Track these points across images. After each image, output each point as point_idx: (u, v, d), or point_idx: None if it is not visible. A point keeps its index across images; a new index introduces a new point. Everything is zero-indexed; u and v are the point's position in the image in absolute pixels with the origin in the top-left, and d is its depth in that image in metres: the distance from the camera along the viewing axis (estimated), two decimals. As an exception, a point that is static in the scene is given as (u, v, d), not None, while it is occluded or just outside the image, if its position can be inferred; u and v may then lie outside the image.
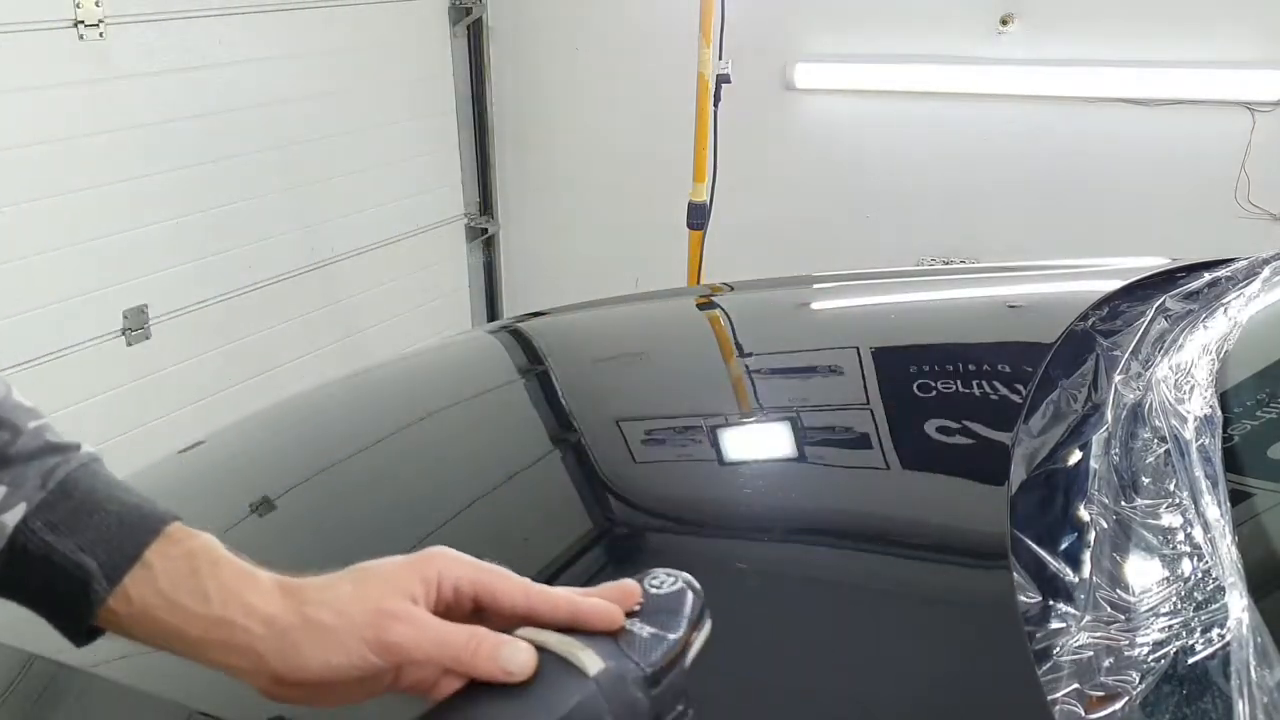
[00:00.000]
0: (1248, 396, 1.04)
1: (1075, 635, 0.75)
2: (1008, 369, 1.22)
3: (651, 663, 0.53)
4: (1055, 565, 0.83)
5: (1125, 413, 1.03)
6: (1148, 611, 0.76)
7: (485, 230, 4.08)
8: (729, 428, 1.19)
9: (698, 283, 3.06)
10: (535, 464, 1.19)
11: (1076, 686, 0.70)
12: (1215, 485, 0.86)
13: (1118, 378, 1.10)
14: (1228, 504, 0.83)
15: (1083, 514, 0.89)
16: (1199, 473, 0.88)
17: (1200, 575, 0.77)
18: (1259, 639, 0.68)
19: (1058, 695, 0.70)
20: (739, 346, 1.52)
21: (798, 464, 1.12)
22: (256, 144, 3.06)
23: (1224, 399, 1.01)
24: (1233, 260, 1.44)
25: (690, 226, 3.02)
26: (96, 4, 2.53)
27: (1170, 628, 0.74)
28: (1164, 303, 1.31)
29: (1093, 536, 0.85)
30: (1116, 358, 1.15)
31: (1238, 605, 0.71)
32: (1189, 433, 0.94)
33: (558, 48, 3.82)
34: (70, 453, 0.59)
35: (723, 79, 2.91)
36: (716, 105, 2.92)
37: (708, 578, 0.91)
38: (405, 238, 3.71)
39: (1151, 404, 1.02)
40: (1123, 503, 0.89)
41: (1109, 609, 0.77)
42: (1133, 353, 1.16)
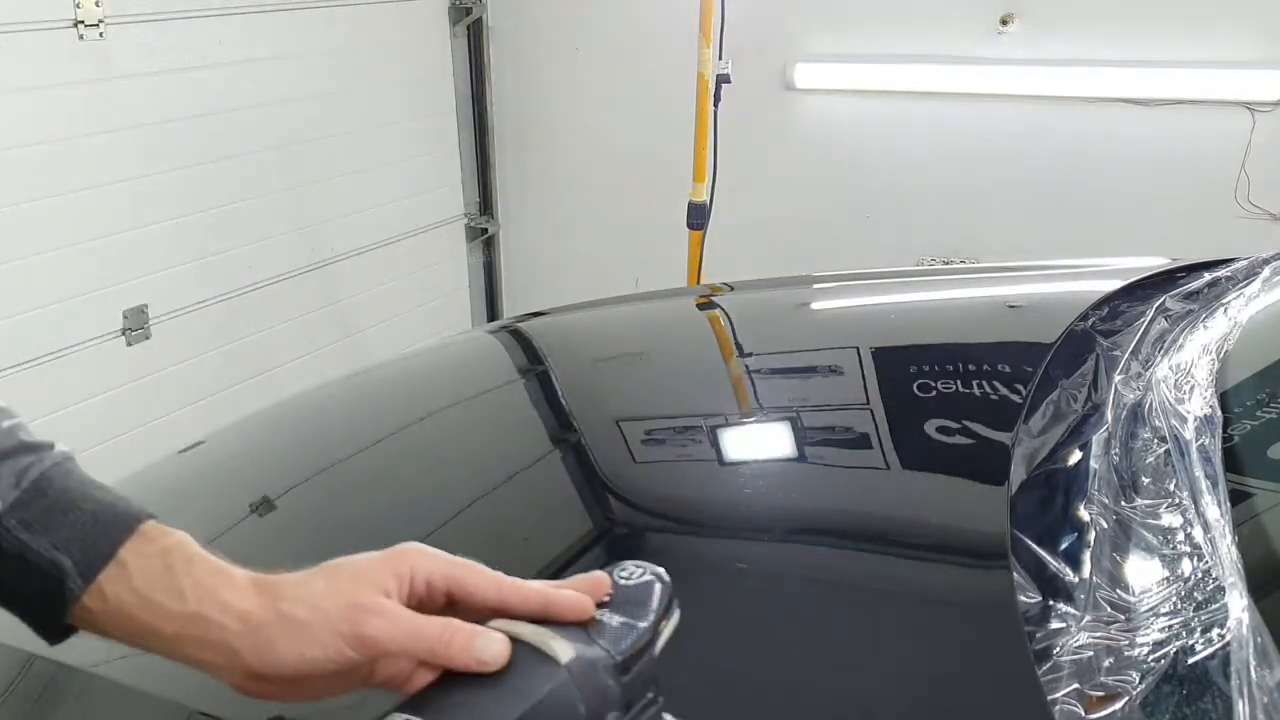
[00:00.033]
0: (1248, 396, 1.04)
1: (1075, 635, 0.75)
2: (1008, 369, 1.22)
3: (621, 650, 0.54)
4: (1055, 565, 0.83)
5: (1125, 413, 1.03)
6: (1148, 611, 0.76)
7: (485, 230, 4.08)
8: (729, 428, 1.19)
9: (698, 283, 3.06)
10: (535, 464, 1.19)
11: (1076, 686, 0.70)
12: (1215, 485, 0.86)
13: (1118, 378, 1.10)
14: (1228, 504, 0.83)
15: (1083, 514, 0.89)
16: (1199, 473, 0.88)
17: (1200, 575, 0.77)
18: (1259, 639, 0.68)
19: (1058, 695, 0.70)
20: (739, 346, 1.52)
21: (798, 464, 1.12)
22: (256, 144, 3.06)
23: (1224, 399, 1.01)
24: (1233, 260, 1.44)
25: (690, 226, 3.02)
26: (96, 4, 2.53)
27: (1170, 628, 0.74)
28: (1164, 303, 1.30)
29: (1093, 536, 0.85)
30: (1116, 358, 1.15)
31: (1238, 605, 0.71)
32: (1189, 433, 0.94)
33: (558, 48, 3.82)
34: (44, 452, 0.59)
35: (723, 79, 2.91)
36: (716, 105, 2.92)
37: (708, 577, 0.92)
38: (405, 238, 3.71)
39: (1151, 404, 1.02)
40: (1123, 503, 0.89)
41: (1109, 609, 0.77)
42: (1133, 353, 1.16)
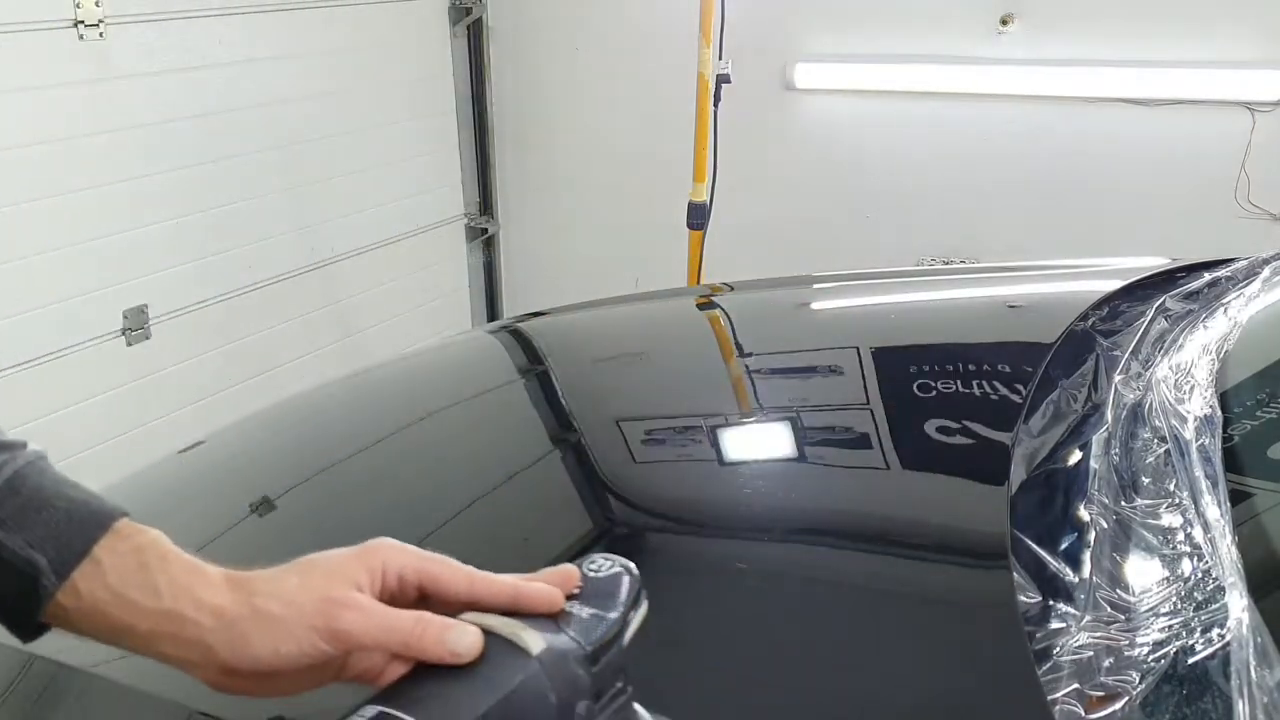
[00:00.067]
0: (1248, 396, 1.04)
1: (1075, 635, 0.75)
2: (1008, 369, 1.22)
3: (591, 641, 0.55)
4: (1055, 565, 0.83)
5: (1125, 413, 1.03)
6: (1148, 611, 0.76)
7: (485, 230, 4.08)
8: (729, 428, 1.19)
9: (698, 283, 3.06)
10: (535, 464, 1.19)
11: (1076, 686, 0.70)
12: (1215, 485, 0.86)
13: (1118, 378, 1.10)
14: (1228, 504, 0.83)
15: (1083, 514, 0.89)
16: (1199, 473, 0.88)
17: (1200, 575, 0.77)
18: (1259, 639, 0.68)
19: (1058, 695, 0.70)
20: (739, 346, 1.52)
21: (798, 464, 1.12)
22: (256, 144, 3.06)
23: (1224, 399, 1.01)
24: (1233, 260, 1.44)
25: (690, 226, 3.02)
26: (96, 4, 2.53)
27: (1170, 628, 0.74)
28: (1164, 303, 1.30)
29: (1093, 536, 0.85)
30: (1116, 358, 1.15)
31: (1238, 605, 0.71)
32: (1189, 433, 0.94)
33: (558, 48, 3.82)
34: (17, 450, 0.59)
35: (723, 79, 2.91)
36: (716, 105, 2.92)
37: (708, 577, 0.92)
38: (405, 238, 3.71)
39: (1151, 404, 1.02)
40: (1123, 503, 0.89)
41: (1109, 609, 0.77)
42: (1133, 353, 1.16)
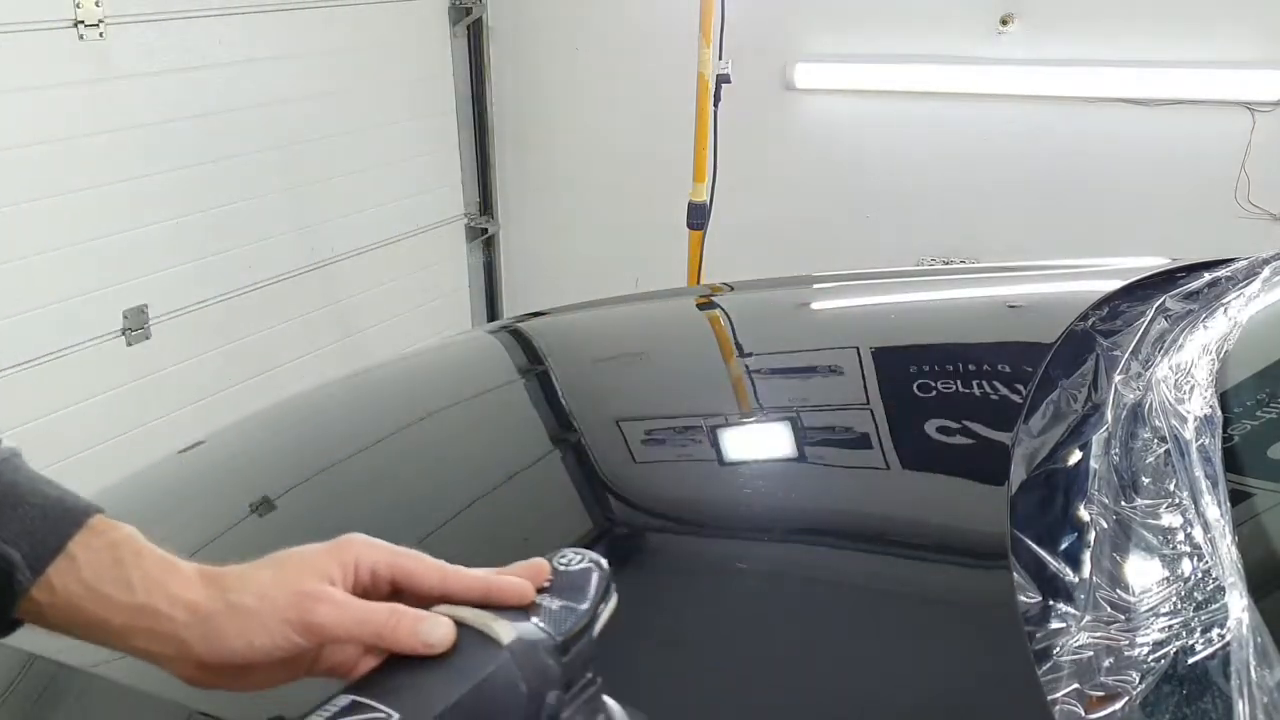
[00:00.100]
0: (1248, 396, 1.04)
1: (1075, 635, 0.75)
2: (1008, 369, 1.22)
3: (561, 632, 0.56)
4: (1055, 565, 0.83)
5: (1125, 413, 1.03)
6: (1148, 611, 0.76)
7: (485, 230, 4.08)
8: (729, 428, 1.19)
9: (698, 283, 3.06)
10: (535, 464, 1.19)
11: (1076, 686, 0.70)
12: (1215, 485, 0.86)
13: (1118, 378, 1.10)
14: (1228, 504, 0.83)
15: (1083, 514, 0.89)
16: (1199, 473, 0.88)
17: (1200, 575, 0.77)
18: (1259, 639, 0.68)
19: (1058, 695, 0.70)
20: (739, 346, 1.51)
21: (798, 464, 1.12)
22: (256, 144, 3.06)
23: (1224, 399, 1.01)
24: (1233, 260, 1.44)
25: (690, 226, 3.02)
26: (96, 4, 2.53)
27: (1170, 628, 0.74)
28: (1164, 303, 1.30)
29: (1093, 536, 0.85)
30: (1116, 358, 1.15)
31: (1238, 605, 0.71)
32: (1189, 433, 0.94)
33: (558, 48, 3.82)
34: None
35: (723, 79, 2.91)
36: (716, 105, 2.92)
37: (708, 577, 0.92)
38: (405, 238, 3.71)
39: (1151, 404, 1.02)
40: (1123, 503, 0.89)
41: (1109, 609, 0.77)
42: (1133, 353, 1.16)
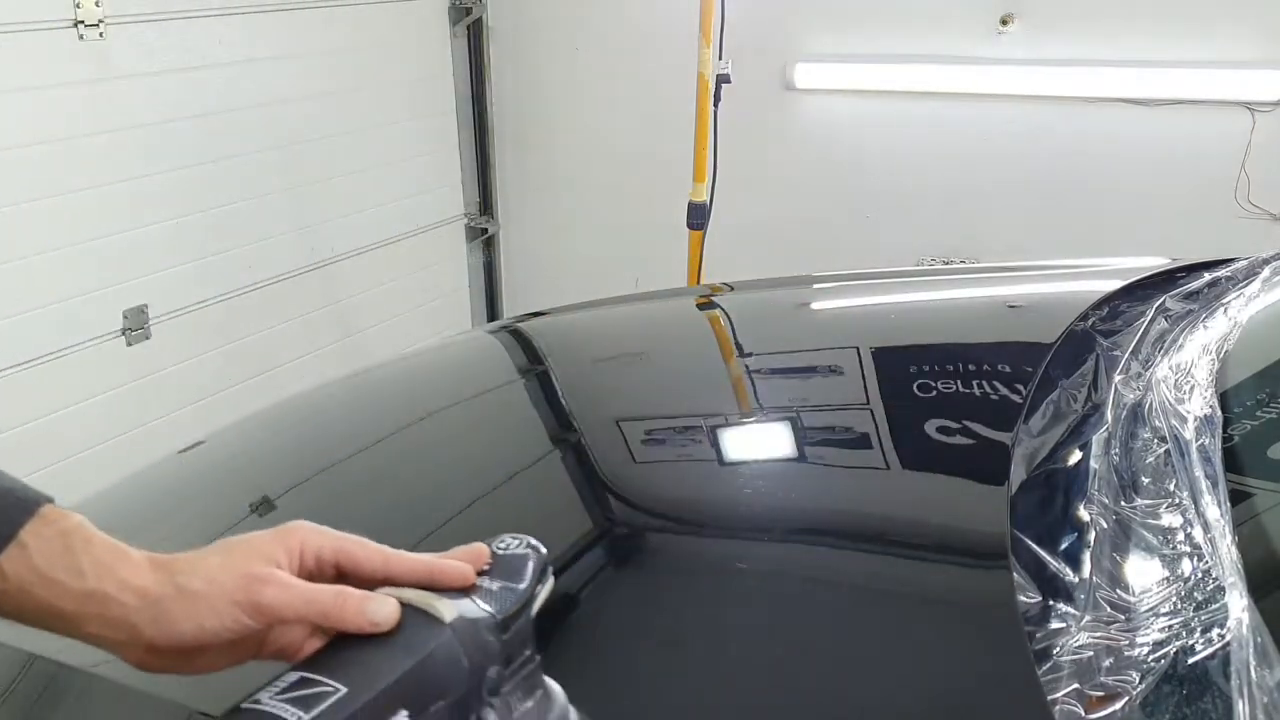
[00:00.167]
0: (1248, 396, 1.04)
1: (1075, 635, 0.75)
2: (1008, 369, 1.22)
3: (501, 611, 0.59)
4: (1055, 565, 0.83)
5: (1125, 413, 1.03)
6: (1148, 611, 0.76)
7: (485, 230, 4.08)
8: (729, 428, 1.19)
9: (698, 283, 3.06)
10: (535, 464, 1.19)
11: (1076, 686, 0.70)
12: (1215, 485, 0.86)
13: (1118, 378, 1.10)
14: (1228, 504, 0.83)
15: (1083, 514, 0.89)
16: (1199, 473, 0.88)
17: (1200, 575, 0.77)
18: (1259, 639, 0.68)
19: (1058, 695, 0.70)
20: (739, 346, 1.51)
21: (798, 464, 1.12)
22: (256, 144, 3.06)
23: (1224, 399, 1.01)
24: (1233, 260, 1.44)
25: (690, 226, 3.02)
26: (96, 4, 2.53)
27: (1170, 628, 0.74)
28: (1164, 303, 1.30)
29: (1093, 536, 0.85)
30: (1116, 358, 1.15)
31: (1238, 605, 0.71)
32: (1189, 433, 0.94)
33: (558, 48, 3.82)
34: None
35: (723, 79, 2.91)
36: (716, 105, 2.92)
37: (708, 577, 0.92)
38: (405, 238, 3.71)
39: (1151, 404, 1.02)
40: (1123, 503, 0.89)
41: (1109, 609, 0.77)
42: (1133, 353, 1.16)
